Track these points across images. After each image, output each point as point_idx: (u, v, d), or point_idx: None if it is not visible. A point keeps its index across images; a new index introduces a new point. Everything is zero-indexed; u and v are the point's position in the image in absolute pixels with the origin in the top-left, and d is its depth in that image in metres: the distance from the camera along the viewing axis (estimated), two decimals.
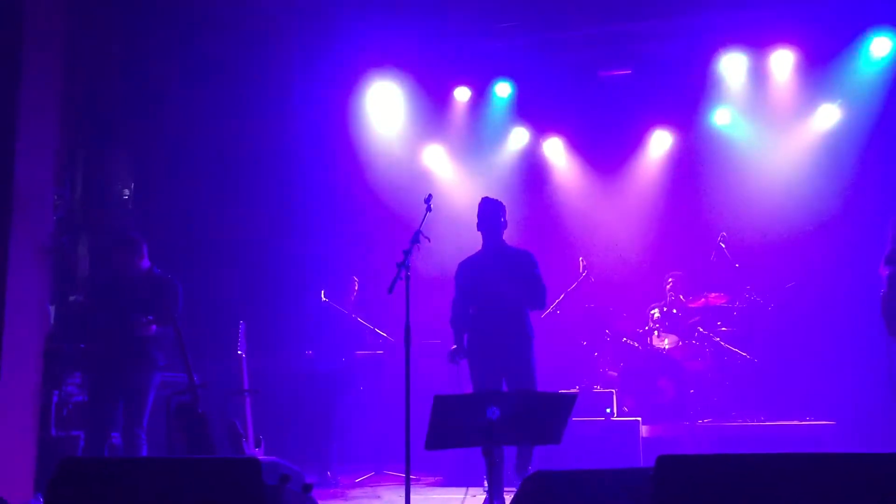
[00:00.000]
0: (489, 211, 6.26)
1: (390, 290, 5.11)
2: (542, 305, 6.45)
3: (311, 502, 3.95)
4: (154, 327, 6.22)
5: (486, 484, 6.99)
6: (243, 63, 9.12)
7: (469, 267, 6.33)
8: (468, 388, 6.10)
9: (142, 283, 6.41)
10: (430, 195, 5.57)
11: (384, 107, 10.13)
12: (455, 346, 6.22)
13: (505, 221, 6.31)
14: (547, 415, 4.42)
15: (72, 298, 7.94)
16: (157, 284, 6.41)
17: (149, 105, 8.90)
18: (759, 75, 9.49)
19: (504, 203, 6.38)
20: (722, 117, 9.74)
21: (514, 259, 6.27)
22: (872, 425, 7.73)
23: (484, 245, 6.31)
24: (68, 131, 7.67)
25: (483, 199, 6.30)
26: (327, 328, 8.32)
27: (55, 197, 7.51)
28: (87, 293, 6.70)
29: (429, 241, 5.39)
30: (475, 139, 10.25)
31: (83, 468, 3.62)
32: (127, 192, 9.05)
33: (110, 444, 6.51)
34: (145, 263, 6.48)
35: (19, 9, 6.37)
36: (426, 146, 10.29)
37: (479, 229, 6.28)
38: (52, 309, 7.55)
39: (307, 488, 3.86)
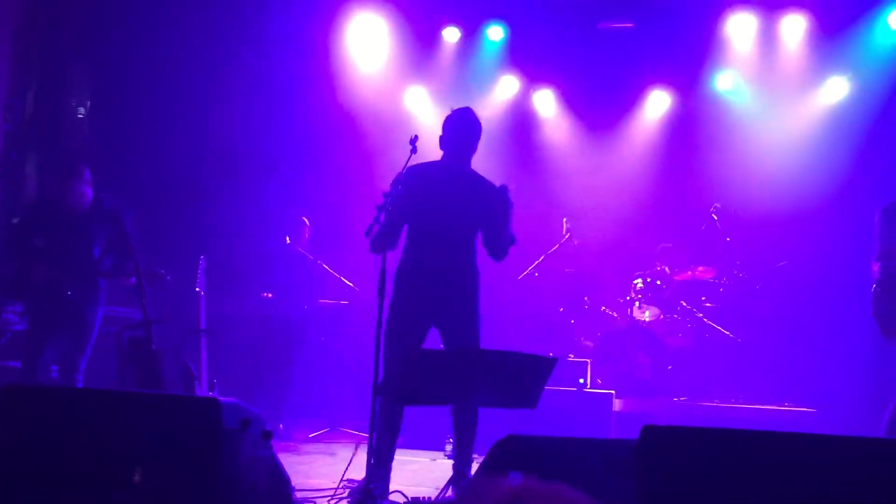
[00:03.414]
0: (470, 124, 5.45)
1: (367, 233, 5.05)
2: (503, 252, 5.46)
3: (271, 450, 3.94)
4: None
5: (447, 448, 7.07)
6: None
7: (421, 176, 5.35)
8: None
9: (93, 214, 6.30)
10: (415, 136, 5.42)
11: (366, 42, 9.97)
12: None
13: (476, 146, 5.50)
14: (525, 376, 4.43)
15: (15, 220, 7.80)
16: (107, 215, 6.28)
17: (113, 20, 8.70)
18: (767, 40, 9.47)
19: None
20: (725, 81, 9.72)
21: (482, 187, 5.43)
22: (852, 415, 7.84)
23: (446, 159, 5.48)
24: (23, 40, 7.49)
25: (465, 108, 5.53)
26: (290, 272, 8.29)
27: (5, 108, 7.36)
28: (24, 216, 6.55)
29: None
30: (461, 84, 10.13)
31: (27, 396, 3.58)
32: (83, 109, 8.88)
33: (47, 377, 6.43)
34: (91, 191, 6.34)
35: None
36: (409, 87, 10.18)
37: (447, 143, 5.45)
38: None
39: (267, 435, 3.84)
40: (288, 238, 8.29)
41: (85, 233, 6.25)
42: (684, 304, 8.75)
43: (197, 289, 6.66)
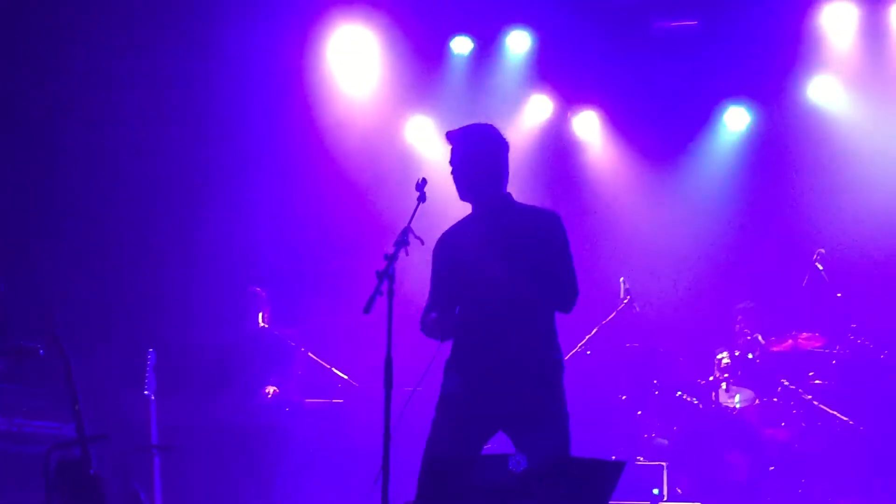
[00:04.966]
0: (476, 142, 5.28)
1: (367, 309, 4.97)
2: (567, 303, 5.25)
3: None
4: None
5: None
6: None
7: (451, 240, 5.37)
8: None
9: None
10: (423, 180, 5.39)
11: (354, 60, 10.05)
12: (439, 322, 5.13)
13: (506, 165, 5.33)
14: (585, 487, 4.35)
15: None
16: None
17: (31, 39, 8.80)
18: (872, 34, 9.54)
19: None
20: (821, 90, 9.76)
21: (526, 222, 5.26)
22: None
23: (475, 206, 5.33)
24: None
25: (457, 130, 5.30)
26: (264, 365, 8.30)
27: None
28: None
29: (422, 243, 5.28)
30: (478, 109, 10.12)
31: None
32: None
33: None
34: None
35: None
36: (410, 116, 10.22)
37: (458, 183, 5.29)
38: None
39: None
40: (262, 319, 8.28)
41: None
42: (786, 382, 8.67)
43: (146, 392, 6.65)
